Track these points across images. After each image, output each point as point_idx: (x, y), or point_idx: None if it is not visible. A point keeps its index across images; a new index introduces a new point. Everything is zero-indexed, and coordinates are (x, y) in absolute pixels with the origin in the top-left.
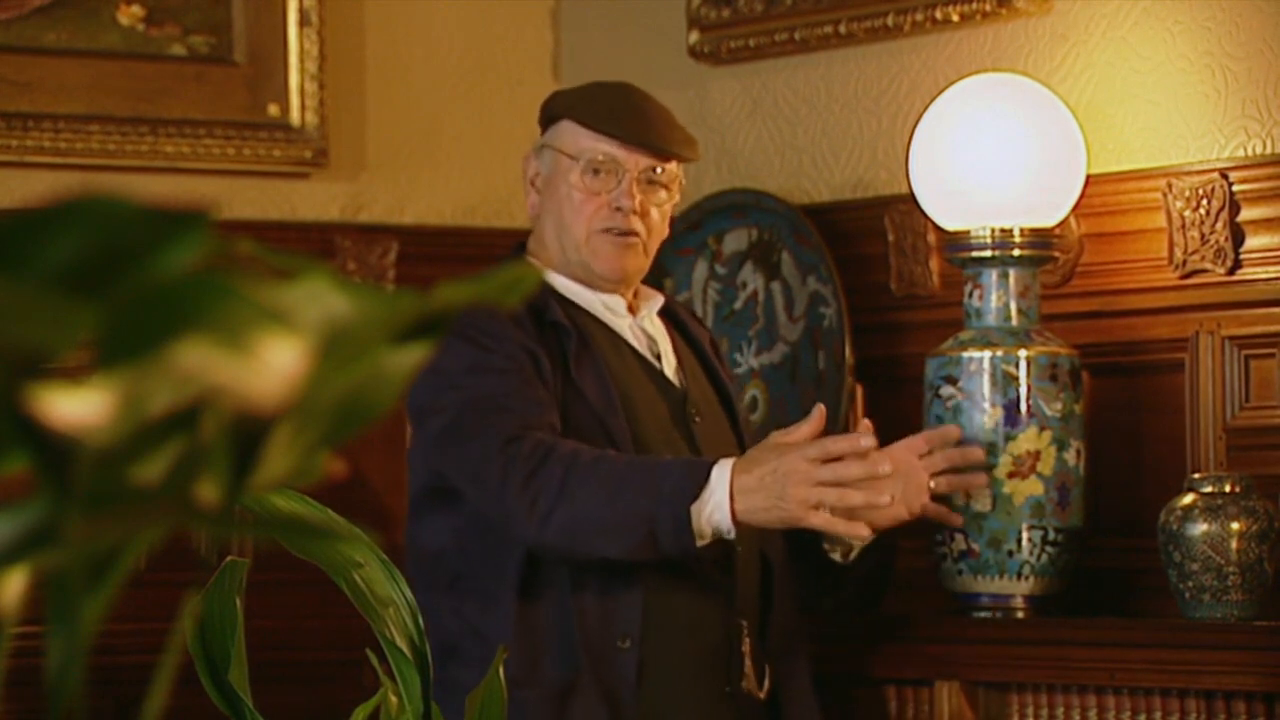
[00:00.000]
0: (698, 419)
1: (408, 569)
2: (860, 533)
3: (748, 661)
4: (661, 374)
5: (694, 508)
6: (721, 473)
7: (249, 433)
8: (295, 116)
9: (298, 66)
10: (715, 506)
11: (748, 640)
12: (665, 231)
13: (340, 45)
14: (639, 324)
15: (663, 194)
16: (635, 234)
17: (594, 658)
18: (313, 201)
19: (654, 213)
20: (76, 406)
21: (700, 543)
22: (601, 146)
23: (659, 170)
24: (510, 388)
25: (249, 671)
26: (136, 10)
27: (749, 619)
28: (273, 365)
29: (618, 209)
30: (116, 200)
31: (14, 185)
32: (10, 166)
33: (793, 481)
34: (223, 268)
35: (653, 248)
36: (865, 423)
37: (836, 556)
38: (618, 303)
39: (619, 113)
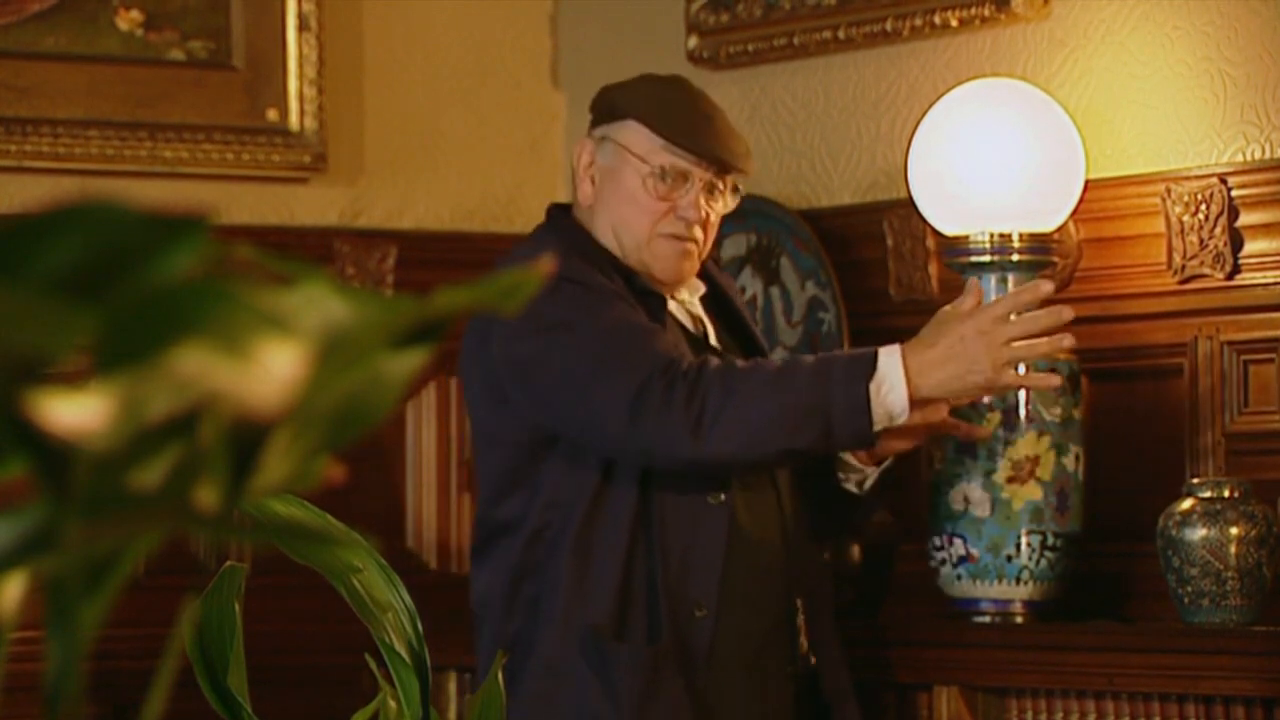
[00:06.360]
0: None
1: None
2: (1053, 383)
3: (803, 639)
4: (716, 350)
5: (869, 388)
6: (890, 356)
7: (247, 438)
8: (294, 121)
9: (296, 71)
10: (890, 388)
11: (802, 618)
12: (715, 234)
13: (339, 50)
14: (685, 309)
15: (721, 201)
16: (695, 241)
17: (674, 624)
18: (311, 206)
19: (712, 218)
20: (75, 411)
21: (875, 428)
22: (672, 158)
23: (722, 180)
24: (641, 320)
25: (247, 676)
26: (135, 15)
27: (803, 597)
28: (271, 370)
29: (683, 218)
30: (115, 205)
31: (12, 190)
32: (9, 171)
33: (985, 344)
34: (221, 273)
35: (705, 252)
36: (1042, 281)
37: (851, 486)
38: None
39: (690, 123)
